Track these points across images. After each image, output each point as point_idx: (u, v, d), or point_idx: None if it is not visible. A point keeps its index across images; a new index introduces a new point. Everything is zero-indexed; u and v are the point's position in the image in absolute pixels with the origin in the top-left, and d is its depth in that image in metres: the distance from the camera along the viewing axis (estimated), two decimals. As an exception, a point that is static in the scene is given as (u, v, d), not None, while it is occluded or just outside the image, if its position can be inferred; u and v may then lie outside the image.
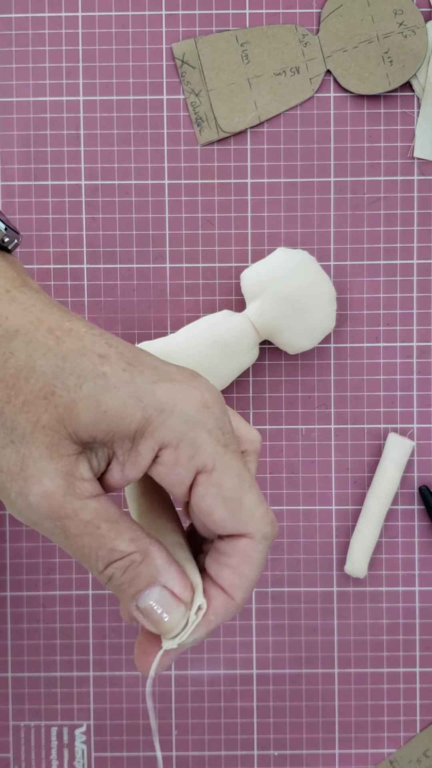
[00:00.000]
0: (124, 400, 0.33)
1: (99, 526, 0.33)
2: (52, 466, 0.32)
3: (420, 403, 0.55)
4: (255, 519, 0.35)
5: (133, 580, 0.34)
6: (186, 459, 0.33)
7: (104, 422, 0.32)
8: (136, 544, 0.34)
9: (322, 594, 0.56)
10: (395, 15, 0.54)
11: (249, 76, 0.54)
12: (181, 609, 0.34)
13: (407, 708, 0.56)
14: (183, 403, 0.33)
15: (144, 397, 0.33)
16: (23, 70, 0.55)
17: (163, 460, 0.34)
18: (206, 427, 0.34)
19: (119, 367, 0.33)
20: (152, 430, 0.33)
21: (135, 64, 0.55)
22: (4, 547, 0.56)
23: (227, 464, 0.34)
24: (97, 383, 0.32)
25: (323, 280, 0.53)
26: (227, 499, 0.34)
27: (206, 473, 0.34)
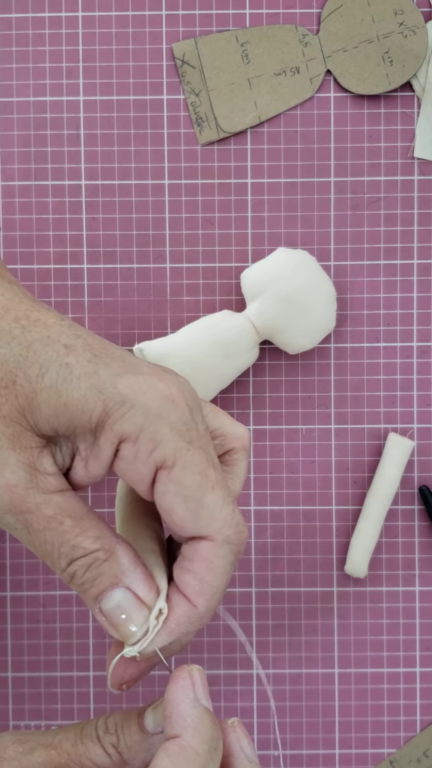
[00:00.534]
0: (85, 392, 0.32)
1: (62, 522, 0.32)
2: (13, 458, 0.31)
3: (420, 403, 0.55)
4: (217, 521, 0.33)
5: (95, 579, 0.33)
6: (145, 454, 0.32)
7: (65, 415, 0.32)
8: (100, 542, 0.33)
9: (322, 594, 0.56)
10: (395, 15, 0.54)
11: (249, 76, 0.54)
12: (144, 613, 0.33)
13: (407, 708, 0.56)
14: (145, 396, 0.32)
15: (105, 389, 0.32)
16: (23, 70, 0.55)
17: (122, 454, 0.32)
18: (168, 420, 0.32)
19: (84, 358, 0.32)
20: (112, 423, 0.32)
21: (135, 64, 0.55)
22: (4, 547, 0.56)
23: (189, 461, 0.33)
24: (60, 374, 0.32)
25: (323, 280, 0.53)
26: (187, 497, 0.33)
27: (166, 469, 0.32)
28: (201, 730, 0.32)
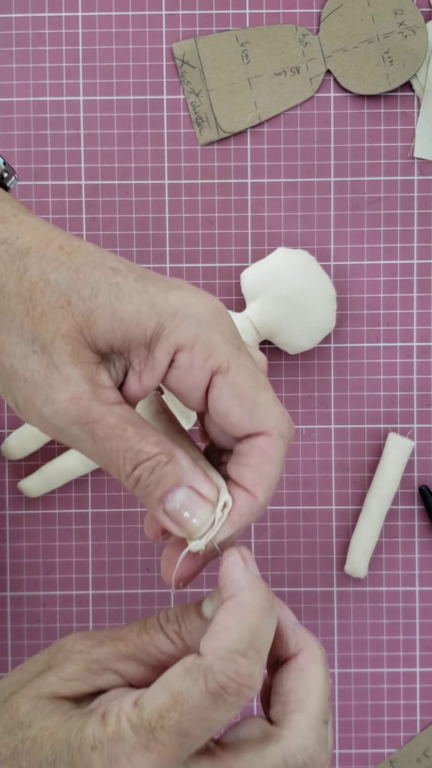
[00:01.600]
0: (139, 306, 0.33)
1: (126, 429, 0.33)
2: (76, 372, 0.33)
3: (420, 403, 0.55)
4: (271, 417, 0.35)
5: (160, 481, 0.34)
6: (201, 360, 0.34)
7: (121, 329, 0.33)
8: (161, 447, 0.34)
9: (322, 594, 0.56)
10: (395, 15, 0.54)
11: (249, 76, 0.54)
12: (208, 507, 0.35)
13: (407, 708, 0.56)
14: (195, 307, 0.34)
15: (157, 303, 0.34)
16: (23, 70, 0.55)
17: (178, 363, 0.34)
18: (219, 329, 0.34)
19: (131, 278, 0.34)
20: (167, 333, 0.34)
21: (135, 64, 0.55)
22: (4, 546, 0.56)
23: (242, 364, 0.35)
24: (111, 292, 0.33)
25: (323, 280, 0.53)
26: (243, 398, 0.35)
27: (222, 374, 0.34)
28: (255, 590, 0.34)
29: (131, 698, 0.34)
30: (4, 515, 0.56)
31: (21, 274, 0.33)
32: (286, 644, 0.37)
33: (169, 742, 0.32)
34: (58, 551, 0.56)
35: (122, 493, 0.56)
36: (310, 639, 0.37)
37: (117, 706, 0.34)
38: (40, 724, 0.34)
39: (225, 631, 0.33)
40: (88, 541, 0.56)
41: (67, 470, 0.54)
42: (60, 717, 0.35)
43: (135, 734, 0.33)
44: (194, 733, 0.33)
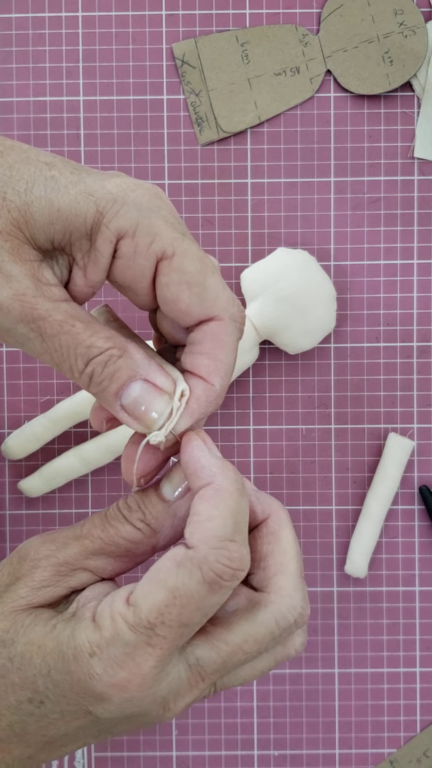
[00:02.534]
0: (75, 196, 0.33)
1: (74, 325, 0.33)
2: (17, 269, 0.32)
3: (420, 403, 0.55)
4: (221, 300, 0.34)
5: (114, 375, 0.34)
6: (144, 246, 0.33)
7: (59, 221, 0.33)
8: (112, 341, 0.34)
9: (322, 594, 0.56)
10: (395, 15, 0.54)
11: (249, 76, 0.54)
12: (165, 399, 0.34)
13: (407, 708, 0.56)
14: (135, 192, 0.33)
15: (95, 191, 0.33)
16: (23, 70, 0.55)
17: (122, 252, 0.33)
18: (161, 214, 0.33)
19: (67, 171, 0.33)
20: (107, 221, 0.33)
21: (135, 64, 0.55)
22: (4, 547, 0.56)
23: (187, 249, 0.34)
24: (47, 185, 0.33)
25: (323, 280, 0.53)
26: (191, 283, 0.34)
27: (167, 259, 0.33)
28: (228, 474, 0.34)
29: (121, 597, 0.34)
30: (4, 515, 0.56)
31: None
32: (254, 512, 0.37)
33: (170, 635, 0.33)
34: (58, 551, 0.56)
35: (122, 494, 0.56)
36: (274, 503, 0.38)
37: (108, 608, 0.34)
38: (24, 639, 0.34)
39: (210, 519, 0.33)
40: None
41: (67, 470, 0.54)
42: (43, 628, 0.35)
43: (134, 634, 0.33)
44: (193, 621, 0.33)
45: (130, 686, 0.33)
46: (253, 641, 0.35)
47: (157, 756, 0.56)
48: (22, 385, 0.55)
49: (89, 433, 0.55)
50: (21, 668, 0.34)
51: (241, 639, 0.35)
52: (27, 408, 0.55)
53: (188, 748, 0.56)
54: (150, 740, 0.56)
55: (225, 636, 0.35)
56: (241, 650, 0.35)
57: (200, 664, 0.34)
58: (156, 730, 0.56)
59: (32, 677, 0.34)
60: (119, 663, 0.33)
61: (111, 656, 0.33)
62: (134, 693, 0.33)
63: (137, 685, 0.33)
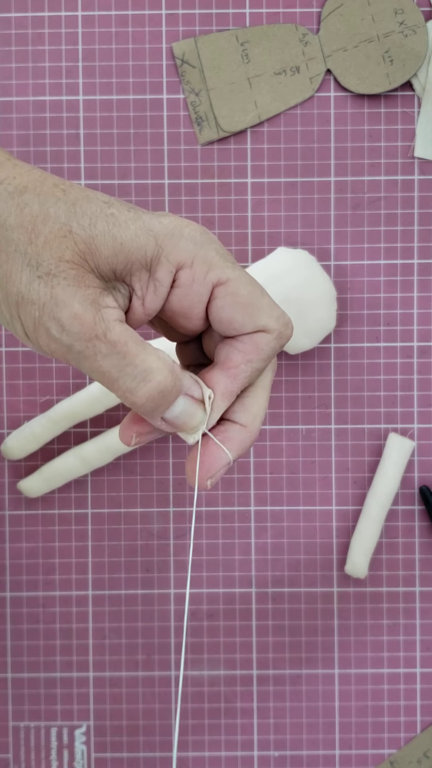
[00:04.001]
0: (136, 231, 0.36)
1: (126, 344, 0.36)
2: (80, 293, 0.35)
3: (420, 403, 0.55)
4: (273, 318, 0.38)
5: (167, 396, 0.37)
6: (202, 275, 0.37)
7: (122, 253, 0.36)
8: (163, 362, 0.37)
9: (322, 594, 0.56)
10: (395, 14, 0.54)
11: (249, 76, 0.54)
12: (202, 408, 0.38)
13: (407, 709, 0.56)
14: (189, 228, 0.37)
15: (153, 227, 0.36)
16: (23, 70, 0.55)
17: (180, 281, 0.37)
18: (213, 246, 0.37)
19: (124, 209, 0.36)
20: (167, 254, 0.36)
21: (135, 64, 0.55)
22: (3, 547, 0.56)
23: (240, 275, 0.37)
24: (108, 221, 0.36)
25: (323, 280, 0.53)
26: (246, 304, 0.37)
27: (222, 285, 0.37)
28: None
29: None
30: (4, 516, 0.56)
31: (21, 208, 0.35)
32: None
33: None
34: (57, 552, 0.56)
35: (122, 494, 0.56)
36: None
37: None
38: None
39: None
40: (88, 542, 0.56)
41: (66, 470, 0.54)
42: None
43: None
44: None
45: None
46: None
47: (157, 756, 0.56)
48: (22, 386, 0.55)
49: (89, 434, 0.55)
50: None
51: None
52: (26, 408, 0.55)
53: (188, 748, 0.56)
54: (150, 741, 0.56)
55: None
56: None
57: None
58: (156, 730, 0.56)
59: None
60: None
61: None
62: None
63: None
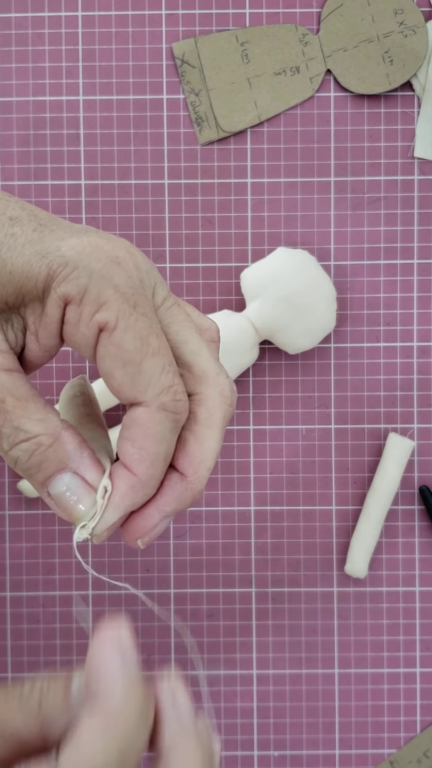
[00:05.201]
0: (29, 258, 0.31)
1: (3, 401, 0.31)
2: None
3: (420, 403, 0.55)
4: (154, 387, 0.32)
5: (40, 465, 0.32)
6: (88, 315, 0.32)
7: (11, 283, 0.31)
8: (44, 426, 0.32)
9: (322, 594, 0.56)
10: (395, 14, 0.54)
11: (249, 76, 0.54)
12: (92, 495, 0.33)
13: (407, 708, 0.56)
14: (89, 257, 0.32)
15: (49, 253, 0.32)
16: (23, 70, 0.55)
17: (67, 318, 0.32)
18: (112, 282, 0.32)
19: (30, 227, 0.32)
20: (56, 285, 0.32)
21: (135, 64, 0.55)
22: (3, 547, 0.56)
23: (131, 325, 0.32)
24: (5, 244, 0.32)
25: (323, 280, 0.53)
26: (126, 362, 0.32)
27: (108, 331, 0.32)
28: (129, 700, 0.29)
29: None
30: (4, 515, 0.56)
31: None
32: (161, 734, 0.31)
33: None
34: (57, 552, 0.56)
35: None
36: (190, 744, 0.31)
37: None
38: None
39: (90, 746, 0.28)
40: (88, 542, 0.56)
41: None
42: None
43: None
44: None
45: None
46: None
47: (157, 756, 0.56)
48: (22, 385, 0.55)
49: (89, 434, 0.55)
50: None
51: None
52: (26, 408, 0.55)
53: (188, 748, 0.56)
54: (150, 741, 0.56)
55: None
56: None
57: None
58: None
59: None
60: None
61: None
62: None
63: None
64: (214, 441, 0.34)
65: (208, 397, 0.34)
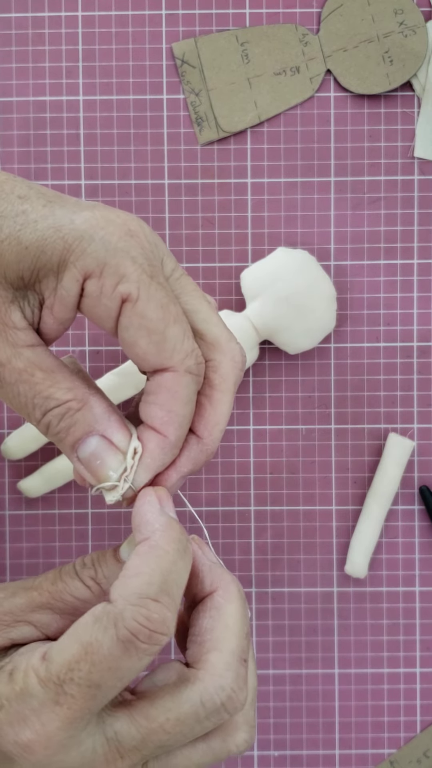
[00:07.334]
0: (43, 232, 0.32)
1: (33, 374, 0.32)
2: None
3: (420, 403, 0.55)
4: (179, 353, 0.33)
5: (70, 428, 0.33)
6: (110, 288, 0.32)
7: (27, 259, 0.32)
8: (73, 393, 0.33)
9: (322, 594, 0.56)
10: (395, 14, 0.54)
11: (249, 76, 0.54)
12: (119, 457, 0.34)
13: (407, 708, 0.56)
14: (104, 230, 0.32)
15: (63, 227, 0.32)
16: (23, 70, 0.55)
17: (88, 291, 0.33)
18: (130, 254, 0.32)
19: (39, 203, 0.32)
20: (74, 259, 0.32)
21: (135, 64, 0.55)
22: (4, 547, 0.56)
23: (152, 295, 0.33)
24: (17, 221, 0.32)
25: (323, 280, 0.53)
26: (151, 330, 0.33)
27: (131, 302, 0.33)
28: (168, 532, 0.32)
29: (40, 652, 0.32)
30: (4, 516, 0.56)
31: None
32: (202, 582, 0.35)
33: (79, 695, 0.31)
34: (58, 552, 0.56)
35: (122, 494, 0.56)
36: (226, 576, 0.36)
37: (25, 662, 0.32)
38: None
39: (136, 575, 0.32)
40: (88, 542, 0.56)
41: (67, 470, 0.54)
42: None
43: (43, 689, 0.31)
44: (106, 683, 0.31)
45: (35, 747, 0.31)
46: (175, 719, 0.33)
47: (157, 756, 0.56)
48: (22, 385, 0.55)
49: (89, 433, 0.55)
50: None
51: (162, 716, 0.33)
52: (27, 408, 0.55)
53: (188, 748, 0.56)
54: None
55: (147, 710, 0.33)
56: (162, 729, 0.33)
57: (118, 739, 0.32)
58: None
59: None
60: (24, 720, 0.31)
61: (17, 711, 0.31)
62: (40, 756, 0.31)
63: (43, 747, 0.31)
64: (227, 405, 0.35)
65: (221, 363, 0.35)
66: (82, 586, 0.35)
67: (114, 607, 0.31)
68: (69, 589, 0.35)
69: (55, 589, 0.35)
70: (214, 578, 0.36)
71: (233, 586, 0.36)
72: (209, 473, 0.55)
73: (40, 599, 0.35)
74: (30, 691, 0.31)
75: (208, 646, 0.34)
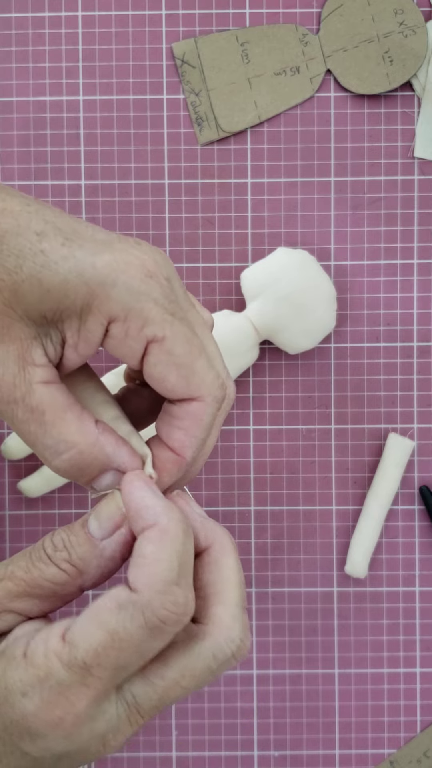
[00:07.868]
0: (66, 276, 0.32)
1: (44, 413, 0.33)
2: (2, 350, 0.33)
3: (420, 403, 0.55)
4: (206, 383, 0.35)
5: (83, 471, 0.34)
6: (136, 331, 0.33)
7: (49, 301, 0.33)
8: (82, 435, 0.34)
9: (322, 594, 0.56)
10: (395, 14, 0.54)
11: (249, 76, 0.54)
12: None
13: (407, 708, 0.56)
14: (125, 274, 0.33)
15: (85, 271, 0.33)
16: (23, 70, 0.55)
17: (113, 333, 0.34)
18: (152, 296, 0.33)
19: (58, 242, 0.33)
20: (98, 304, 0.33)
21: (135, 64, 0.55)
22: (4, 547, 0.56)
23: (177, 332, 0.34)
24: (36, 261, 0.32)
25: (323, 280, 0.53)
26: (179, 365, 0.34)
27: (157, 342, 0.34)
28: (174, 515, 0.33)
29: (56, 634, 0.33)
30: (4, 516, 0.56)
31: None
32: (197, 539, 0.36)
33: (106, 677, 0.32)
34: (57, 552, 0.56)
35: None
36: (218, 530, 0.37)
37: (42, 645, 0.33)
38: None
39: (156, 562, 0.32)
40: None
41: (66, 470, 0.54)
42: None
43: (69, 673, 0.32)
44: (131, 664, 0.32)
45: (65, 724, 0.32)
46: (190, 676, 0.34)
47: (157, 756, 0.56)
48: (22, 385, 0.55)
49: (89, 433, 0.55)
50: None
51: (177, 674, 0.34)
52: (27, 408, 0.55)
53: (188, 748, 0.56)
54: (150, 741, 0.56)
55: (162, 671, 0.34)
56: (179, 685, 0.34)
57: (137, 702, 0.34)
58: (156, 730, 0.56)
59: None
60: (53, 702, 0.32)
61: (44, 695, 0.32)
62: (70, 730, 0.32)
63: (71, 722, 0.32)
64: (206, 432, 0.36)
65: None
66: (57, 571, 0.35)
67: (140, 597, 0.32)
68: (45, 575, 0.35)
69: (30, 577, 0.35)
70: (207, 533, 0.37)
71: (226, 539, 0.37)
72: (209, 473, 0.55)
73: (17, 589, 0.35)
74: (54, 675, 0.32)
75: (212, 600, 0.35)
